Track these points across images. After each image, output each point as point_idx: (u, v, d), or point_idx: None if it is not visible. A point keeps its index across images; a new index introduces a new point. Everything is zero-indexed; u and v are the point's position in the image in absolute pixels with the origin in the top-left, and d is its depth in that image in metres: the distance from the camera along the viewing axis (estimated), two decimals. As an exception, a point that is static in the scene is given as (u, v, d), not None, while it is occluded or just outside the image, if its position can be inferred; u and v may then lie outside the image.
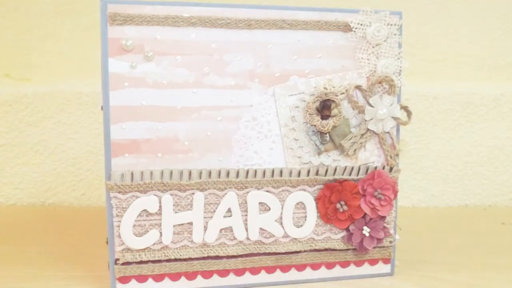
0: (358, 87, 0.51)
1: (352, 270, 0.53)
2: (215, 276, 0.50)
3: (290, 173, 0.50)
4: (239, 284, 0.51)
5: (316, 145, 0.51)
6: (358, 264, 0.54)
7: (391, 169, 0.52)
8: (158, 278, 0.49)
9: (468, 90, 0.89)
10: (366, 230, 0.52)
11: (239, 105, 0.49)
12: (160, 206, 0.47)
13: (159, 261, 0.48)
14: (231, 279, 0.51)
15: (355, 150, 0.51)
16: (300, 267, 0.52)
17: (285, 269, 0.52)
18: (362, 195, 0.51)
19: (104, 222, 0.48)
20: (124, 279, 0.48)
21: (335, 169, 0.51)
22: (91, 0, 0.84)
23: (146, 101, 0.47)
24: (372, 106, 0.51)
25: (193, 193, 0.48)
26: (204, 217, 0.48)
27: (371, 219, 0.52)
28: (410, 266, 0.57)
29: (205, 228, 0.49)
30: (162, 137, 0.48)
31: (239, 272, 0.51)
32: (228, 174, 0.49)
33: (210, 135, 0.49)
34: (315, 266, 0.52)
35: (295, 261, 0.52)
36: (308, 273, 0.52)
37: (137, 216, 0.47)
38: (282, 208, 0.50)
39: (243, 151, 0.49)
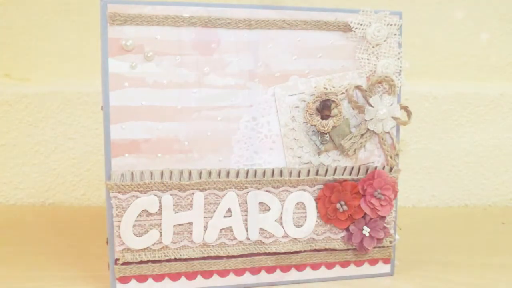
0: (358, 87, 0.51)
1: (352, 270, 0.53)
2: (215, 276, 0.50)
3: (290, 173, 0.50)
4: (239, 284, 0.51)
5: (316, 145, 0.51)
6: (358, 264, 0.54)
7: (391, 169, 0.52)
8: (158, 278, 0.49)
9: (468, 90, 0.89)
10: (366, 230, 0.52)
11: (239, 105, 0.49)
12: (160, 206, 0.47)
13: (159, 261, 0.48)
14: (231, 279, 0.51)
15: (355, 150, 0.51)
16: (300, 267, 0.52)
17: (285, 269, 0.52)
18: (362, 195, 0.51)
19: (104, 222, 0.48)
20: (124, 279, 0.48)
21: (335, 169, 0.51)
22: (91, 0, 0.84)
23: (146, 101, 0.47)
24: (372, 106, 0.51)
25: (193, 193, 0.48)
26: (204, 217, 0.48)
27: (371, 219, 0.52)
28: (410, 266, 0.57)
29: (205, 228, 0.49)
30: (162, 137, 0.48)
31: (239, 272, 0.51)
32: (228, 174, 0.49)
33: (210, 135, 0.49)
34: (315, 266, 0.52)
35: (295, 261, 0.52)
36: (308, 273, 0.52)
37: (137, 216, 0.47)
38: (282, 208, 0.50)
39: (243, 151, 0.49)
